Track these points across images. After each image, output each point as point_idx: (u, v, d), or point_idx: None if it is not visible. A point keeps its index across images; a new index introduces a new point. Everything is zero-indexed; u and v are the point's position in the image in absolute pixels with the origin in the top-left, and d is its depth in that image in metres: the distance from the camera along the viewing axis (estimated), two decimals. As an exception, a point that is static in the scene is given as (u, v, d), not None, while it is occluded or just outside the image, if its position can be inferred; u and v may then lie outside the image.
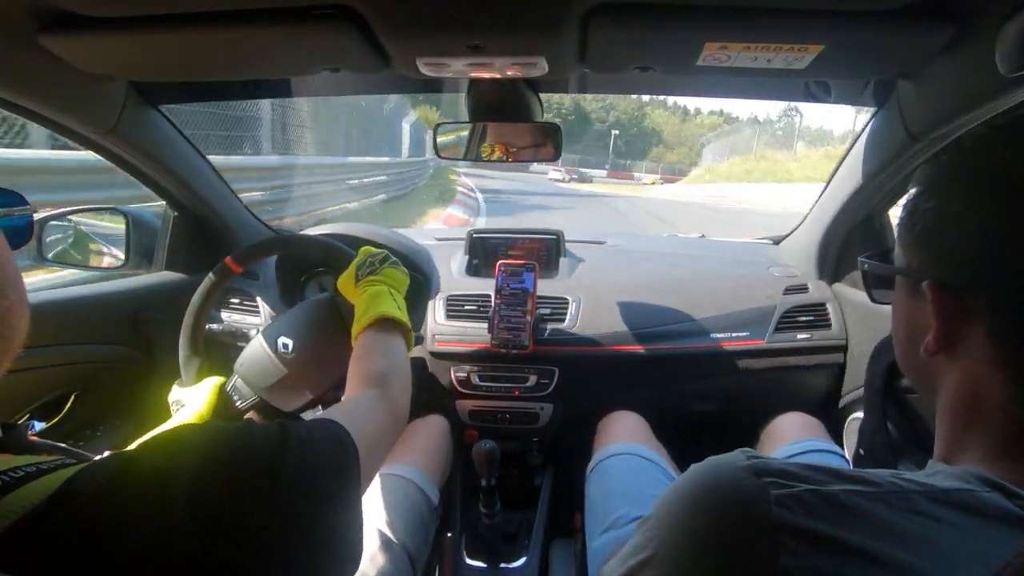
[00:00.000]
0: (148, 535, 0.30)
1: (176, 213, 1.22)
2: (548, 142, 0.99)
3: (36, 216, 0.57)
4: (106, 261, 1.22)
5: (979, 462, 0.34)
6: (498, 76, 0.81)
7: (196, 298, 0.88)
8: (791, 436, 1.05)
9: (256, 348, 0.84)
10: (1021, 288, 0.32)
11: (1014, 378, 0.33)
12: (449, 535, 1.10)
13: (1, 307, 0.37)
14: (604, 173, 40.60)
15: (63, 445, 0.48)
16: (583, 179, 39.00)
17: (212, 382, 0.84)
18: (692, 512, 0.34)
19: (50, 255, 1.12)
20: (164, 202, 1.21)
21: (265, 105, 6.24)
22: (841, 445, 1.21)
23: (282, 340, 0.88)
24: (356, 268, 0.78)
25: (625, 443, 1.05)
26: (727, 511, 0.32)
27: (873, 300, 0.51)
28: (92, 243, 1.25)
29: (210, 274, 0.87)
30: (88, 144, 0.97)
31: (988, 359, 0.34)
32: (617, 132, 61.27)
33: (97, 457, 0.45)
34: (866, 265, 0.48)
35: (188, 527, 0.31)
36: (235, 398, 0.83)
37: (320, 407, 0.89)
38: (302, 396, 0.84)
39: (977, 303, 0.33)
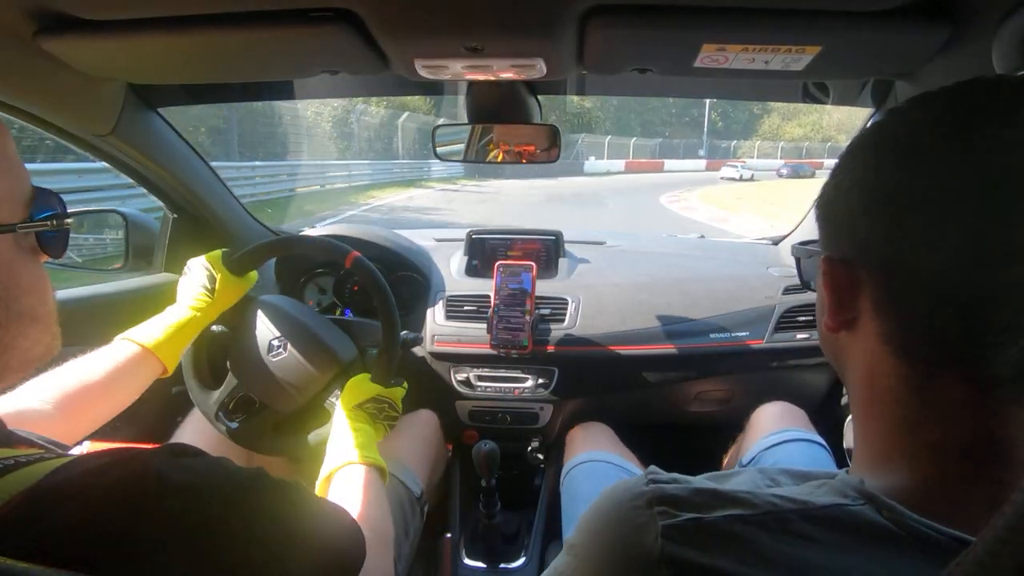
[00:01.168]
0: (146, 534, 0.30)
1: (175, 215, 1.22)
2: (548, 143, 0.99)
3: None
4: (105, 263, 1.22)
5: (868, 463, 0.35)
6: (496, 78, 0.81)
7: (302, 237, 0.94)
8: (770, 427, 1.06)
9: (260, 322, 0.90)
10: (893, 257, 0.32)
11: (896, 352, 0.33)
12: (448, 535, 1.10)
13: None
14: (703, 164, 26.85)
15: (46, 437, 0.48)
16: (801, 174, 24.54)
17: (251, 299, 0.91)
18: (593, 543, 0.36)
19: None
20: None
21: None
22: (841, 444, 1.21)
23: (278, 341, 0.89)
24: (373, 398, 0.79)
25: (589, 452, 1.07)
26: (621, 544, 0.33)
27: (802, 282, 0.53)
28: (91, 245, 1.25)
29: (336, 245, 0.89)
30: (87, 147, 0.97)
31: (877, 334, 0.34)
32: (712, 100, 36.34)
33: (77, 450, 0.44)
34: (794, 250, 0.49)
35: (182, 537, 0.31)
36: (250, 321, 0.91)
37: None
38: (244, 378, 0.91)
39: (862, 274, 0.34)
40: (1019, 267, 0.28)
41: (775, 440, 1.00)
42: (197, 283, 0.84)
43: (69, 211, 0.45)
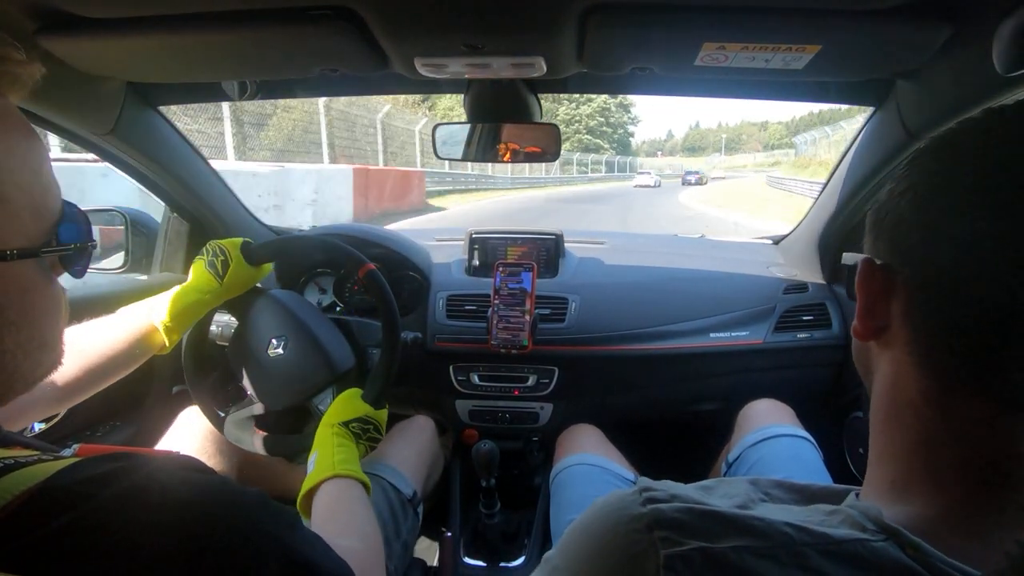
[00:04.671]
0: (144, 546, 0.30)
1: (175, 214, 1.22)
2: (547, 142, 0.99)
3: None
4: (105, 263, 1.22)
5: (886, 484, 0.33)
6: (496, 77, 0.81)
7: (324, 238, 0.92)
8: (757, 423, 1.06)
9: (264, 316, 0.91)
10: (927, 262, 0.31)
11: (920, 363, 0.32)
12: (449, 535, 1.10)
13: None
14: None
15: (39, 442, 0.48)
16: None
17: (260, 291, 0.92)
18: (583, 570, 0.33)
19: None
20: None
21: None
22: (841, 444, 1.21)
23: (278, 339, 0.89)
24: (359, 417, 0.78)
25: (577, 455, 1.06)
26: (616, 571, 0.31)
27: (848, 294, 0.52)
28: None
29: (353, 253, 0.88)
30: (88, 146, 0.97)
31: (903, 343, 0.33)
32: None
33: (65, 453, 0.44)
34: (845, 258, 0.48)
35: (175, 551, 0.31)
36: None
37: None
38: (239, 370, 0.92)
39: (897, 280, 0.33)
40: None
41: (760, 436, 1.00)
42: (210, 266, 0.85)
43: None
